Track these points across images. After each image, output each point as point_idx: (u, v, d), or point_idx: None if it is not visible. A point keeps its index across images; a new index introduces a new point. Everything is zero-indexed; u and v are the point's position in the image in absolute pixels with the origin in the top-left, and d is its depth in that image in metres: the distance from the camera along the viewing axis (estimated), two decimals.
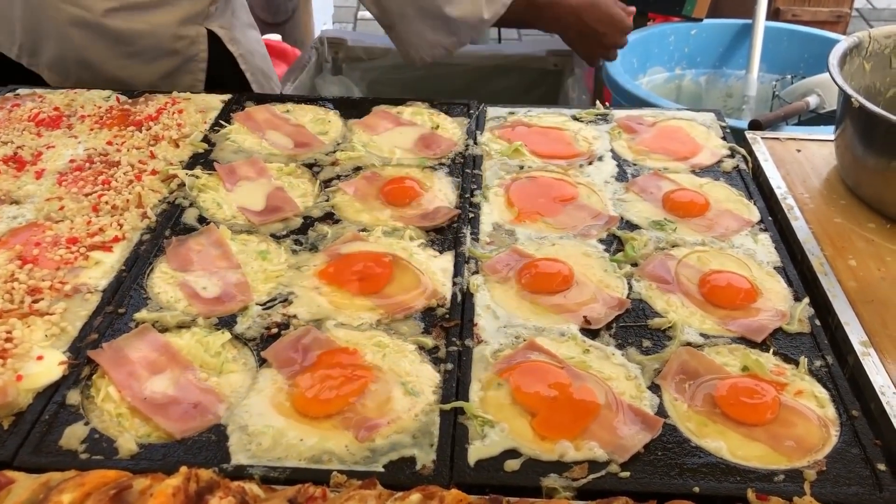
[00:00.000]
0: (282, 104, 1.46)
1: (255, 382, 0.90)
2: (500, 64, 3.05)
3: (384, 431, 0.84)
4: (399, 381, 0.90)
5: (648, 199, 1.22)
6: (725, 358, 0.94)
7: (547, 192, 1.23)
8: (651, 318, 0.99)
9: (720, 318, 1.00)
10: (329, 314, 1.00)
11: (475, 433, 0.84)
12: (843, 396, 0.89)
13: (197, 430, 0.85)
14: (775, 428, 0.85)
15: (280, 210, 1.17)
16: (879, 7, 5.81)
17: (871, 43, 1.41)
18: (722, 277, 1.05)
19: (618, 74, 2.22)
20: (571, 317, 0.99)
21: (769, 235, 1.15)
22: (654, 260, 1.08)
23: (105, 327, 0.97)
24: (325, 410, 0.86)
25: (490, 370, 0.92)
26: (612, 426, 0.84)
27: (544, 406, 0.87)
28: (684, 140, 1.37)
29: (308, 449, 0.82)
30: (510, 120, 1.44)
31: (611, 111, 1.46)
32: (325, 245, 1.11)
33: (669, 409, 0.88)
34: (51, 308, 0.98)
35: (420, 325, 0.99)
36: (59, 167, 1.26)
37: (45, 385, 0.89)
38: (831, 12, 3.19)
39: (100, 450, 0.82)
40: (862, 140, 1.26)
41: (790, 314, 1.00)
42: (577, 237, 1.14)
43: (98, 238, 1.10)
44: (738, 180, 1.28)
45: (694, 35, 2.57)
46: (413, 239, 1.13)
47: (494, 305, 1.01)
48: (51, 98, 1.46)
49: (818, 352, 0.95)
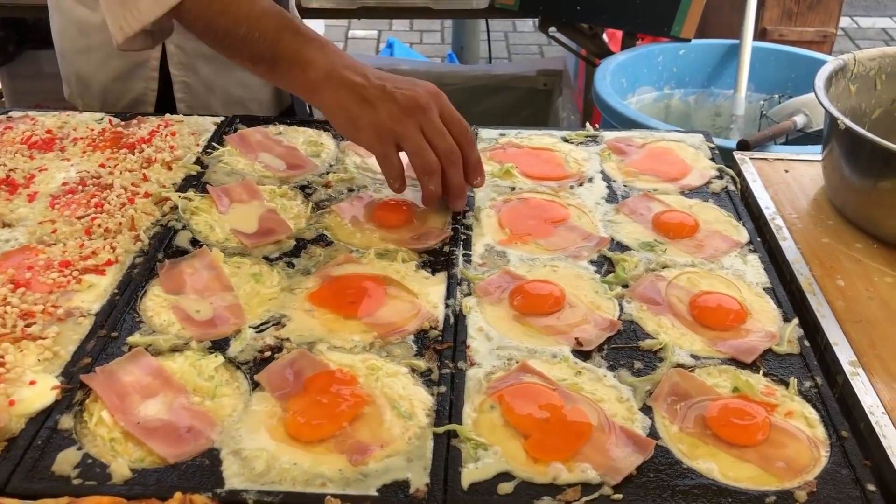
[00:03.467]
0: (274, 126, 1.47)
1: (248, 406, 0.90)
2: (490, 83, 3.09)
3: (377, 455, 0.84)
4: (392, 404, 0.90)
5: (638, 221, 1.23)
6: (716, 379, 0.95)
7: (538, 214, 1.24)
8: (642, 340, 1.00)
9: (710, 339, 1.01)
10: (322, 337, 1.00)
11: (468, 456, 0.84)
12: (832, 417, 0.89)
13: (190, 455, 0.84)
14: (766, 449, 0.85)
15: (273, 232, 1.18)
16: (864, 26, 5.89)
17: (857, 65, 1.43)
18: (712, 298, 1.06)
19: (607, 94, 2.24)
20: (563, 338, 1.00)
21: (758, 256, 1.17)
22: (645, 281, 1.09)
23: (98, 351, 0.97)
24: (318, 435, 0.86)
25: (483, 392, 0.92)
26: (605, 448, 0.85)
27: (537, 428, 0.87)
28: (674, 161, 1.39)
29: (302, 473, 0.82)
30: (501, 141, 1.45)
31: (601, 133, 1.48)
32: (317, 267, 1.12)
33: (661, 430, 0.88)
34: (43, 332, 0.98)
35: (413, 347, 0.99)
36: (51, 190, 1.26)
37: (38, 410, 0.88)
38: (817, 32, 3.23)
39: (93, 475, 0.82)
40: (848, 161, 1.27)
41: (780, 335, 1.01)
42: (568, 258, 1.15)
43: (91, 261, 1.10)
44: (727, 201, 1.30)
45: (682, 55, 2.60)
46: (406, 261, 1.14)
47: (487, 327, 1.02)
48: (43, 120, 1.46)
49: (808, 372, 0.96)
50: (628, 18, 2.60)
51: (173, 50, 1.58)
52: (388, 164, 1.19)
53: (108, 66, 1.60)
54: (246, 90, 1.65)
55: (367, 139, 1.19)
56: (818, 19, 3.20)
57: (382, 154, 1.19)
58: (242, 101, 1.66)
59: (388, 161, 1.19)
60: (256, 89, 1.67)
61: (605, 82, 2.32)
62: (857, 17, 5.95)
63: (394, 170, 1.19)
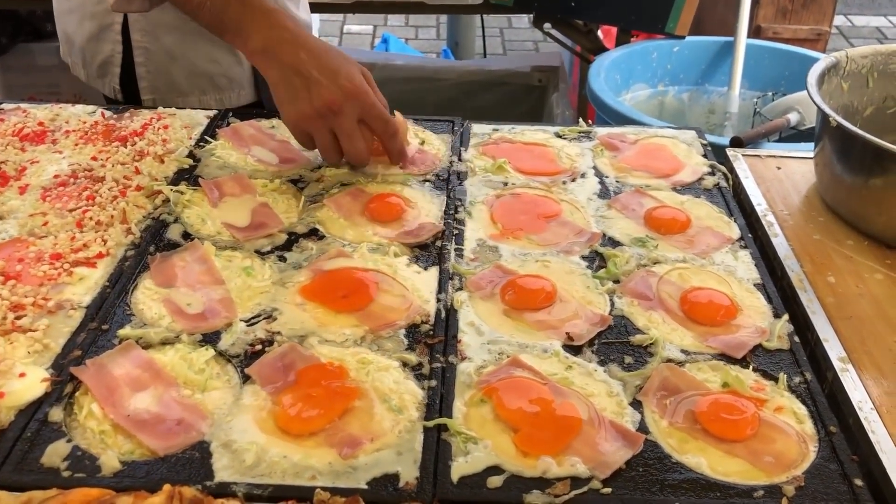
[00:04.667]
0: (267, 120, 1.47)
1: (239, 399, 0.90)
2: (485, 79, 3.09)
3: (367, 448, 0.84)
4: (383, 397, 0.90)
5: (630, 217, 1.23)
6: (706, 374, 0.95)
7: (530, 209, 1.24)
8: (633, 335, 1.00)
9: (700, 334, 1.01)
10: (313, 330, 1.00)
11: (458, 450, 0.84)
12: (821, 413, 0.90)
13: (180, 447, 0.84)
14: (755, 444, 0.86)
15: (265, 226, 1.18)
16: (858, 25, 5.90)
17: (849, 63, 1.43)
18: (702, 294, 1.06)
19: (601, 91, 2.24)
20: (554, 333, 1.00)
21: (749, 252, 1.17)
22: (636, 277, 1.10)
23: (88, 344, 0.97)
24: (308, 429, 0.86)
25: (473, 386, 0.92)
26: (594, 442, 0.85)
27: (527, 422, 0.88)
28: (666, 158, 1.39)
29: (291, 466, 0.82)
30: (494, 136, 1.45)
31: (593, 128, 1.48)
32: (309, 261, 1.12)
33: (651, 425, 0.88)
34: (34, 325, 0.98)
35: (404, 341, 0.99)
36: (43, 182, 1.26)
37: (28, 402, 0.88)
38: (811, 30, 3.23)
39: (82, 467, 0.82)
40: (840, 158, 1.28)
41: (770, 331, 1.01)
42: (560, 254, 1.15)
43: (82, 254, 1.10)
44: (719, 198, 1.30)
45: (676, 52, 2.61)
46: (398, 255, 1.14)
47: (478, 321, 1.02)
48: (35, 113, 1.46)
49: (797, 368, 0.96)
50: (623, 15, 2.60)
51: (136, 16, 1.57)
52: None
53: (83, 27, 1.62)
54: (214, 65, 1.62)
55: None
56: (812, 17, 3.20)
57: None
58: (210, 75, 1.63)
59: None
60: (227, 66, 1.63)
61: (600, 79, 2.32)
62: (852, 15, 5.97)
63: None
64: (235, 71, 1.64)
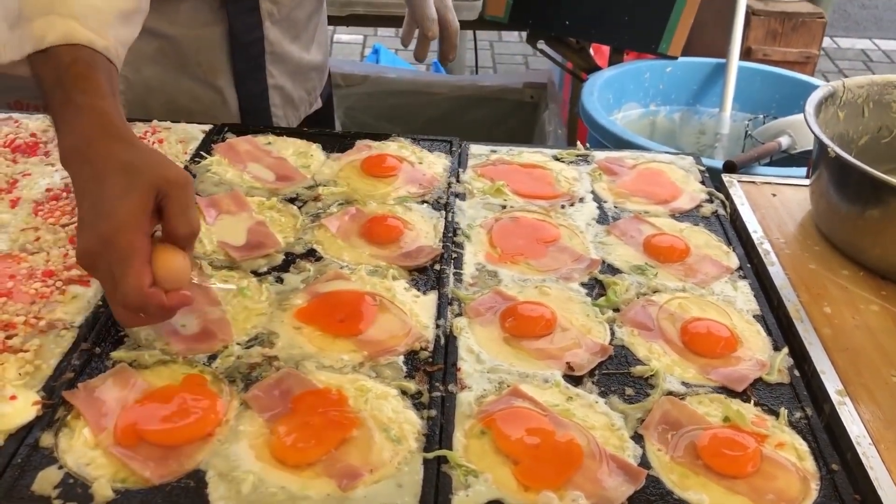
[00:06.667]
0: (263, 136, 1.46)
1: (235, 426, 0.89)
2: (476, 94, 3.08)
3: (367, 479, 0.83)
4: (382, 427, 0.89)
5: (629, 243, 1.23)
6: (707, 407, 0.95)
7: (529, 234, 1.23)
8: (633, 366, 1.00)
9: (701, 366, 1.01)
10: (310, 355, 0.99)
11: (459, 483, 0.83)
12: (822, 450, 0.89)
13: (175, 476, 0.83)
14: (757, 481, 0.85)
15: (262, 246, 1.16)
16: (844, 47, 5.97)
17: (846, 92, 1.44)
18: (703, 325, 1.06)
19: (594, 110, 2.24)
20: (555, 362, 0.99)
21: (748, 283, 1.17)
22: (636, 306, 1.09)
23: (81, 366, 0.95)
24: (306, 459, 0.85)
25: (473, 417, 0.91)
26: (597, 477, 0.84)
27: (527, 454, 0.87)
28: (664, 184, 1.39)
29: (289, 497, 0.81)
30: (492, 158, 1.44)
31: (591, 152, 1.47)
32: (307, 283, 1.10)
33: (652, 459, 0.88)
34: (24, 345, 0.96)
35: (403, 368, 0.98)
36: (35, 196, 1.24)
37: (18, 426, 0.86)
38: (800, 53, 3.26)
39: (74, 496, 0.80)
40: (836, 188, 1.28)
41: (770, 364, 1.01)
42: (559, 280, 1.14)
43: (75, 272, 1.08)
44: (717, 226, 1.30)
45: (669, 72, 2.62)
46: (396, 278, 1.13)
47: (478, 349, 1.01)
48: (27, 123, 1.43)
49: (798, 403, 0.96)
50: (616, 34, 2.61)
51: None
52: None
53: None
54: (196, 103, 1.55)
55: None
56: (802, 40, 3.23)
57: None
58: (190, 111, 1.55)
59: None
60: (209, 104, 1.56)
61: (593, 98, 2.33)
62: (837, 37, 6.04)
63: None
64: (219, 111, 1.57)
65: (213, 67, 1.53)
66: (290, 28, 1.59)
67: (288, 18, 1.57)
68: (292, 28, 1.60)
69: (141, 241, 0.90)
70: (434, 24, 1.78)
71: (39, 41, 1.00)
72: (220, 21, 1.49)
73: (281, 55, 1.59)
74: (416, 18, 1.80)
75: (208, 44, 1.51)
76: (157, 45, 1.49)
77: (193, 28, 1.49)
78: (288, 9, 1.56)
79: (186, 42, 1.50)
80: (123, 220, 0.89)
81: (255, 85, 1.58)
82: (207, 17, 1.48)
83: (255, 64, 1.56)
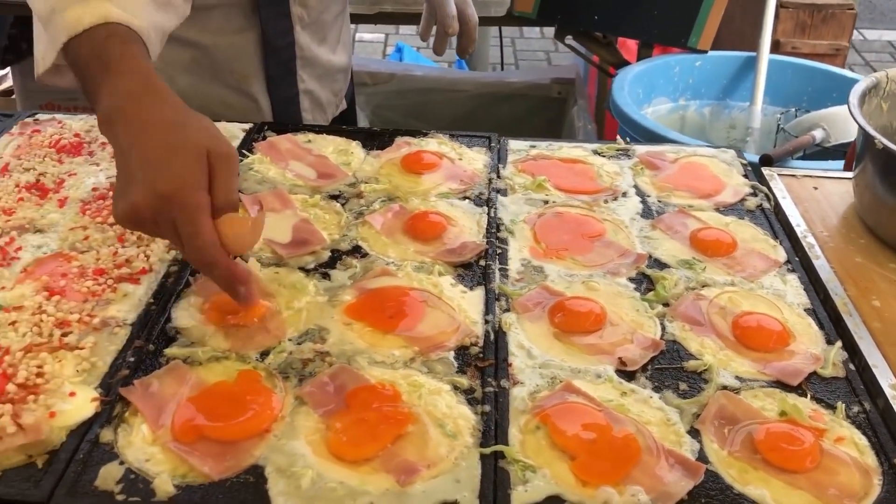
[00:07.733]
0: (303, 134, 1.46)
1: (291, 422, 0.89)
2: (503, 91, 3.08)
3: (425, 475, 0.83)
4: (437, 422, 0.89)
5: (675, 238, 1.22)
6: (762, 402, 0.94)
7: (574, 229, 1.23)
8: (686, 360, 0.99)
9: (754, 360, 1.00)
10: (362, 351, 0.99)
11: (517, 478, 0.83)
12: (883, 444, 0.88)
13: (234, 471, 0.83)
14: (818, 475, 0.84)
15: (308, 243, 1.17)
16: (871, 39, 5.90)
17: (889, 83, 1.43)
18: (754, 319, 1.05)
19: (626, 105, 2.23)
20: (606, 358, 0.99)
21: (797, 276, 1.16)
22: (686, 300, 1.08)
23: (135, 363, 0.95)
24: (363, 455, 0.85)
25: (528, 412, 0.91)
26: (655, 472, 0.84)
27: (584, 449, 0.86)
28: (707, 177, 1.38)
29: (348, 492, 0.81)
30: (532, 153, 1.44)
31: (632, 146, 1.47)
32: (354, 279, 1.11)
33: (710, 454, 0.87)
34: (80, 342, 0.97)
35: (454, 363, 0.98)
36: (81, 195, 1.25)
37: (78, 422, 0.87)
38: (830, 45, 3.22)
39: (136, 491, 0.81)
40: (882, 180, 1.27)
41: (824, 358, 1.00)
42: (606, 275, 1.14)
43: (125, 269, 1.09)
44: (762, 219, 1.29)
45: (699, 66, 2.60)
46: (442, 274, 1.13)
47: (528, 344, 1.01)
48: (70, 124, 1.45)
49: (854, 397, 0.95)
50: (646, 29, 2.59)
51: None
52: None
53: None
54: (229, 110, 1.54)
55: None
56: (831, 32, 3.19)
57: None
58: (224, 120, 1.51)
59: None
60: (242, 111, 1.55)
61: (623, 93, 2.31)
62: (864, 29, 5.96)
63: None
64: (253, 117, 1.56)
65: (245, 74, 1.54)
66: (317, 31, 1.60)
67: (316, 21, 1.58)
68: (320, 31, 1.61)
69: (206, 198, 0.89)
70: (454, 20, 1.76)
71: (75, 26, 0.99)
72: (253, 27, 1.50)
73: (310, 59, 1.60)
74: (435, 14, 1.79)
75: (241, 50, 1.52)
76: (191, 55, 1.50)
77: (226, 35, 1.50)
78: (317, 12, 1.57)
79: (219, 50, 1.51)
80: (188, 177, 0.88)
81: (287, 90, 1.59)
82: (240, 23, 1.49)
83: (287, 69, 1.57)
